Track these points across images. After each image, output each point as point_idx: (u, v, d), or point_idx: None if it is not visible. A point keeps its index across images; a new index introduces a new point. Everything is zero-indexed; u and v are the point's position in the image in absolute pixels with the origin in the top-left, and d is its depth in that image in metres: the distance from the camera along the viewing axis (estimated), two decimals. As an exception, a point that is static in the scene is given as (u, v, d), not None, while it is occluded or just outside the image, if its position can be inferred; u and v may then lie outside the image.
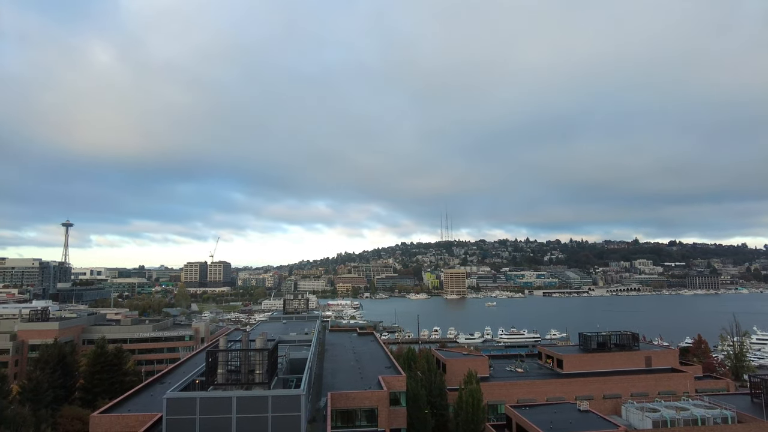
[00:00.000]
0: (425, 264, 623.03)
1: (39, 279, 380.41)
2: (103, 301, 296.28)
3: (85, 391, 75.91)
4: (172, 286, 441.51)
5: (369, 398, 45.25)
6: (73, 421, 61.03)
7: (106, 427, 41.55)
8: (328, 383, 50.94)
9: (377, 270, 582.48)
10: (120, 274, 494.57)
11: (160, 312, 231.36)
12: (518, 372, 72.49)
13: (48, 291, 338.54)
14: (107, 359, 79.14)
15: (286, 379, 44.54)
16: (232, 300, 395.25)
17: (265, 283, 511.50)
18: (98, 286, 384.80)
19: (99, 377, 76.59)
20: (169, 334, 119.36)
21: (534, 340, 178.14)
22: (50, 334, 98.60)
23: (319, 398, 46.42)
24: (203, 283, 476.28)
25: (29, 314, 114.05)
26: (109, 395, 67.62)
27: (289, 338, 63.13)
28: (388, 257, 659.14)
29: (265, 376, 37.70)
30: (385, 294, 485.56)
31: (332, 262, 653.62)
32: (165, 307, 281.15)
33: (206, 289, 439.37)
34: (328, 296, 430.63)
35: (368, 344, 76.81)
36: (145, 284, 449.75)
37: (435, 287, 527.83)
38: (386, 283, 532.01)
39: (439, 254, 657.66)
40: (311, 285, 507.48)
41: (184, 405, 34.86)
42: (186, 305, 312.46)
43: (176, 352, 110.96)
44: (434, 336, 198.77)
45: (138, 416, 41.42)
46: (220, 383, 37.76)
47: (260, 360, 37.78)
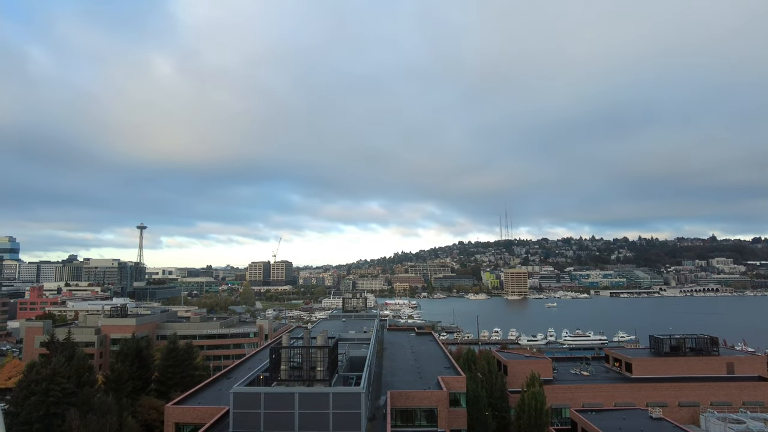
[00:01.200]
0: (484, 263, 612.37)
1: (118, 278, 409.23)
2: (174, 299, 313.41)
3: (159, 383, 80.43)
4: (238, 285, 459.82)
5: (428, 398, 44.95)
6: (150, 411, 64.83)
7: (179, 417, 43.84)
8: (387, 382, 51.09)
9: (434, 269, 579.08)
10: (189, 274, 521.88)
11: (227, 310, 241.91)
12: (584, 375, 69.56)
13: (126, 289, 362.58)
14: (179, 354, 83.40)
15: (346, 377, 45.11)
16: (293, 298, 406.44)
17: (324, 282, 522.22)
18: (170, 285, 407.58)
19: (172, 371, 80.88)
20: (235, 331, 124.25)
21: (600, 343, 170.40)
22: (128, 329, 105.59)
23: (379, 396, 46.64)
24: (266, 281, 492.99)
25: (110, 311, 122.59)
26: (181, 388, 71.24)
27: (349, 336, 63.90)
28: (445, 257, 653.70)
29: (325, 373, 38.34)
30: (442, 294, 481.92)
31: (389, 262, 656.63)
32: (231, 305, 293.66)
33: (269, 288, 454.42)
34: (386, 295, 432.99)
35: (427, 344, 76.41)
36: (212, 283, 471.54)
37: (495, 287, 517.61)
38: (444, 282, 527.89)
39: (498, 253, 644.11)
40: (369, 284, 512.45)
41: (250, 399, 36.12)
42: (251, 303, 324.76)
43: (242, 348, 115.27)
44: (494, 337, 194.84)
45: (207, 408, 43.36)
46: (283, 379, 38.79)
47: (321, 357, 38.45)
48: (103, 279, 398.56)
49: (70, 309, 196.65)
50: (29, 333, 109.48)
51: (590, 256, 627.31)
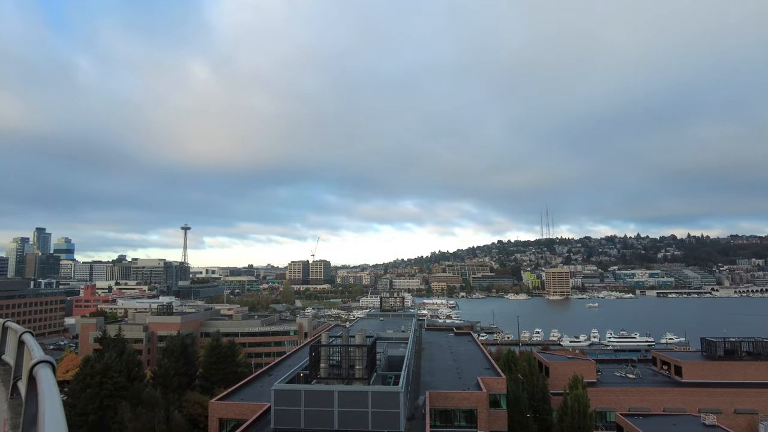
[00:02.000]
0: (524, 263, 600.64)
1: (164, 277, 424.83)
2: (217, 297, 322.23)
3: (203, 379, 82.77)
4: (278, 284, 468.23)
5: (468, 399, 44.23)
6: (195, 405, 66.72)
7: (223, 412, 44.80)
8: (425, 382, 50.64)
9: (473, 269, 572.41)
10: (231, 273, 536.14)
11: (268, 308, 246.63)
12: (629, 378, 66.92)
13: (171, 288, 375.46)
14: (222, 351, 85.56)
15: (384, 376, 44.96)
16: (332, 297, 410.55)
17: (362, 281, 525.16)
18: (213, 284, 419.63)
19: (215, 367, 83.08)
20: (276, 328, 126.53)
21: (647, 345, 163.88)
22: (174, 326, 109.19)
23: (417, 396, 46.26)
24: (305, 280, 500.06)
25: (157, 309, 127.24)
26: (224, 384, 73.02)
27: (387, 335, 63.78)
28: (484, 256, 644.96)
29: (364, 371, 38.29)
30: (481, 294, 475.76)
31: (426, 261, 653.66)
32: (272, 303, 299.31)
33: (308, 287, 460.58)
34: (423, 295, 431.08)
35: (465, 344, 75.40)
36: (253, 282, 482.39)
37: (536, 287, 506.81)
38: (483, 282, 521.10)
39: (539, 252, 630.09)
40: (406, 283, 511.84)
41: (290, 397, 36.49)
42: (290, 302, 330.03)
43: (282, 346, 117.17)
44: (535, 338, 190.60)
45: (249, 405, 44.11)
46: (323, 377, 39.01)
47: (360, 356, 38.41)
48: (150, 278, 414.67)
49: (120, 307, 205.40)
50: (84, 329, 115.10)
51: (635, 255, 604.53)
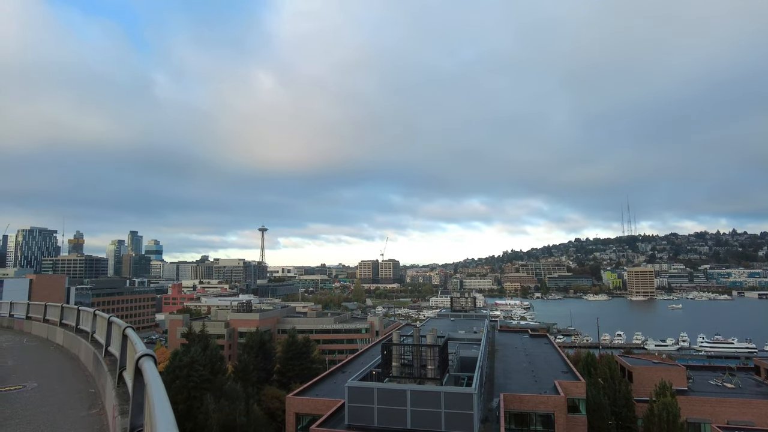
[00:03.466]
0: (604, 262, 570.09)
1: (243, 276, 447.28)
2: (292, 295, 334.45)
3: (280, 374, 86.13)
4: (349, 282, 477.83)
5: (545, 402, 42.69)
6: (273, 400, 69.61)
7: (299, 407, 46.32)
8: (499, 384, 49.50)
9: (548, 268, 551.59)
10: (305, 272, 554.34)
11: (340, 306, 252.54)
12: (727, 387, 61.43)
13: (250, 286, 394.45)
14: (297, 347, 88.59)
15: (457, 377, 44.44)
16: (401, 296, 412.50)
17: (431, 281, 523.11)
18: (288, 283, 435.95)
19: (291, 363, 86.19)
20: (348, 326, 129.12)
21: (747, 351, 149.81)
22: (253, 323, 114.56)
23: (491, 398, 45.31)
24: (375, 279, 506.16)
25: (237, 306, 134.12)
26: (300, 379, 75.53)
27: (458, 336, 63.00)
28: (560, 255, 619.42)
29: (436, 371, 38.08)
30: (558, 294, 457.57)
31: (498, 260, 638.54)
32: (343, 301, 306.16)
33: (378, 286, 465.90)
34: (495, 295, 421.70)
35: (541, 346, 72.84)
36: (326, 281, 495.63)
37: (617, 287, 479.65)
38: (559, 282, 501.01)
39: (620, 251, 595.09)
40: (477, 283, 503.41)
41: (363, 394, 37.01)
42: (361, 300, 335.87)
43: (354, 344, 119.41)
44: (617, 341, 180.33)
45: (324, 401, 45.27)
46: (395, 376, 39.24)
47: (432, 356, 38.24)
48: (230, 277, 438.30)
49: (204, 304, 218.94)
50: (172, 325, 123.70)
51: (731, 253, 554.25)
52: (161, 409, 2.56)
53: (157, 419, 2.38)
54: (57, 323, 20.56)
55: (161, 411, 2.51)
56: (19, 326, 25.87)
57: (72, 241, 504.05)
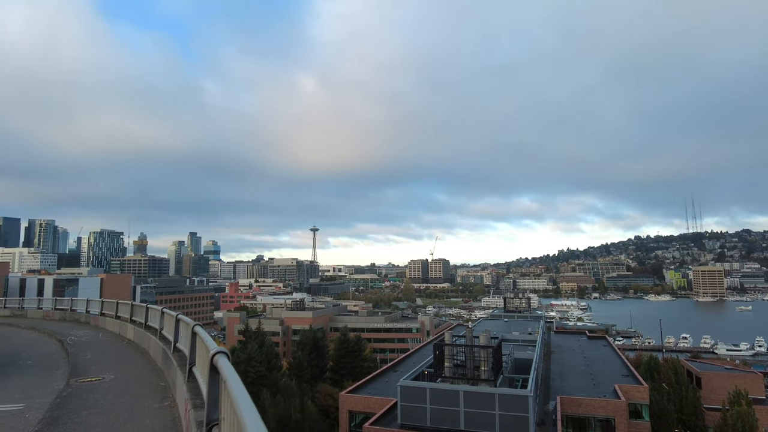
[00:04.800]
0: (667, 260, 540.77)
1: (296, 275, 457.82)
2: (343, 294, 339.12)
3: (333, 371, 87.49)
4: (399, 282, 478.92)
5: (604, 407, 41.09)
6: (326, 397, 70.76)
7: (352, 405, 46.92)
8: (556, 387, 48.10)
9: (606, 268, 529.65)
10: (356, 271, 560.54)
11: (390, 305, 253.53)
12: (810, 397, 56.76)
13: (303, 285, 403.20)
14: (349, 346, 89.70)
15: (511, 378, 43.61)
16: (452, 296, 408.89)
17: (483, 281, 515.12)
18: (339, 282, 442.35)
19: (343, 361, 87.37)
20: (399, 326, 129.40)
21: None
22: (306, 321, 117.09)
23: (547, 401, 44.14)
24: (425, 279, 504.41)
25: (291, 304, 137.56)
26: (352, 377, 76.45)
27: (512, 337, 61.79)
28: (618, 253, 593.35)
29: (490, 373, 37.56)
30: (617, 294, 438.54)
31: (552, 260, 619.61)
32: (393, 300, 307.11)
33: (428, 285, 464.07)
34: (551, 296, 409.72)
35: (600, 349, 70.15)
36: (376, 280, 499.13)
37: (681, 287, 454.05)
38: (618, 282, 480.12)
39: (684, 249, 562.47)
40: (531, 283, 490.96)
41: (416, 393, 37.02)
42: (411, 300, 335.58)
43: (405, 343, 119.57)
44: (682, 344, 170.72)
45: (377, 399, 45.61)
46: (447, 376, 39.02)
47: (485, 357, 37.74)
48: (284, 276, 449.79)
49: (259, 302, 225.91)
50: (230, 322, 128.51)
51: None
52: (245, 404, 2.70)
53: (243, 414, 2.52)
54: (128, 320, 21.90)
55: (245, 406, 2.65)
56: (95, 322, 27.77)
57: (137, 243, 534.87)
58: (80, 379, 12.36)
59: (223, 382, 3.97)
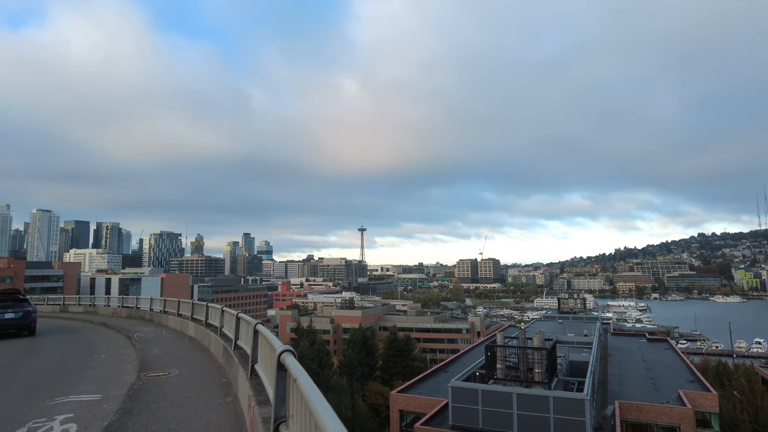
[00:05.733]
0: (736, 259, 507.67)
1: (345, 274, 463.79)
2: (392, 293, 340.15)
3: (383, 370, 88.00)
4: (447, 282, 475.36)
5: (668, 414, 39.12)
6: (376, 395, 71.27)
7: (402, 404, 47.04)
8: (614, 391, 46.27)
9: (667, 267, 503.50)
10: (403, 270, 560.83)
11: (439, 305, 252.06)
12: None
13: (352, 284, 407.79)
14: (399, 345, 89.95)
15: (566, 381, 42.37)
16: (503, 296, 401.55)
17: (535, 281, 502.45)
18: (387, 281, 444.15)
19: (393, 360, 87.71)
20: (448, 326, 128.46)
21: None
22: (356, 320, 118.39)
23: (605, 406, 42.53)
24: (474, 279, 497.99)
25: (341, 303, 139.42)
26: (402, 377, 76.60)
27: (567, 339, 59.99)
28: (680, 252, 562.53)
29: (544, 375, 36.67)
30: (679, 295, 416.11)
31: (609, 259, 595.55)
32: (442, 300, 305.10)
33: (478, 285, 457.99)
34: (607, 296, 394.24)
35: (661, 352, 66.82)
36: (424, 279, 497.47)
37: (753, 288, 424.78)
38: (680, 282, 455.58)
39: (756, 246, 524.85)
40: (586, 283, 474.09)
41: (467, 395, 36.66)
42: (461, 300, 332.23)
43: (455, 343, 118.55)
44: (756, 349, 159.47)
45: (427, 399, 45.50)
46: (500, 378, 38.38)
47: (539, 359, 36.89)
48: (333, 275, 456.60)
49: (310, 301, 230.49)
50: (282, 320, 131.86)
51: None
52: (320, 403, 2.78)
53: (320, 413, 2.59)
54: (189, 318, 22.93)
55: (321, 405, 2.73)
56: (158, 319, 29.26)
57: (194, 243, 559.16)
58: (149, 373, 13.07)
59: (292, 380, 4.08)
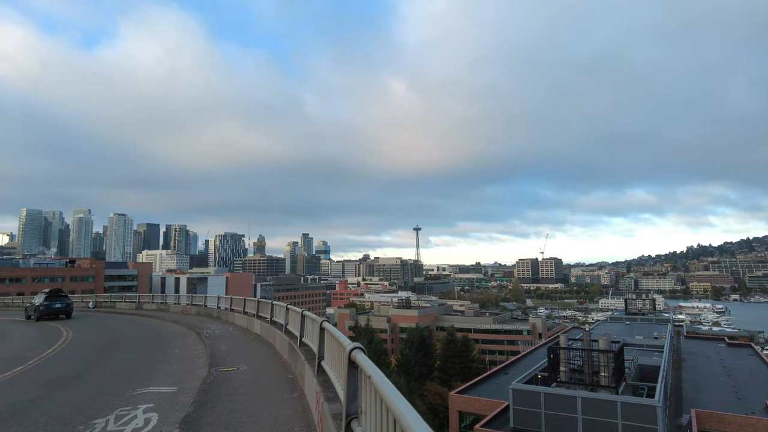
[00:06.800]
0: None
1: (401, 274, 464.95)
2: (448, 293, 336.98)
3: (441, 371, 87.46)
4: (506, 282, 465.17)
5: (753, 426, 36.26)
6: (434, 396, 71.00)
7: (462, 406, 46.55)
8: (689, 398, 43.50)
9: (748, 266, 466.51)
10: (460, 270, 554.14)
11: (497, 306, 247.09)
12: None
13: (408, 284, 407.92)
14: (457, 346, 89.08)
15: (635, 386, 40.41)
16: (565, 297, 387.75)
17: (599, 281, 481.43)
18: (443, 281, 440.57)
19: (451, 361, 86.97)
20: (508, 327, 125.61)
21: None
22: (412, 319, 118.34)
23: (680, 414, 40.09)
24: (535, 279, 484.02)
25: (397, 302, 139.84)
26: (460, 378, 75.81)
27: (635, 342, 57.15)
28: (764, 249, 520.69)
29: (611, 379, 35.13)
30: (764, 297, 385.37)
31: (680, 257, 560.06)
32: (501, 301, 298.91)
33: (539, 286, 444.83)
34: (679, 297, 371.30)
35: (744, 358, 62.09)
36: (481, 279, 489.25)
37: None
38: (764, 282, 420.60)
39: None
40: (655, 283, 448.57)
41: (529, 397, 35.74)
42: (521, 300, 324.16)
43: (515, 345, 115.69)
44: None
45: (487, 401, 44.77)
46: (563, 381, 37.16)
47: (605, 362, 35.39)
48: (389, 275, 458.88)
49: (367, 300, 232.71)
50: (340, 318, 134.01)
51: None
52: (398, 399, 2.80)
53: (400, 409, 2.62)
54: (254, 315, 23.84)
55: (400, 401, 2.75)
56: (225, 317, 30.61)
57: (256, 244, 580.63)
58: (219, 368, 13.71)
59: (366, 377, 4.14)
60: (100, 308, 49.68)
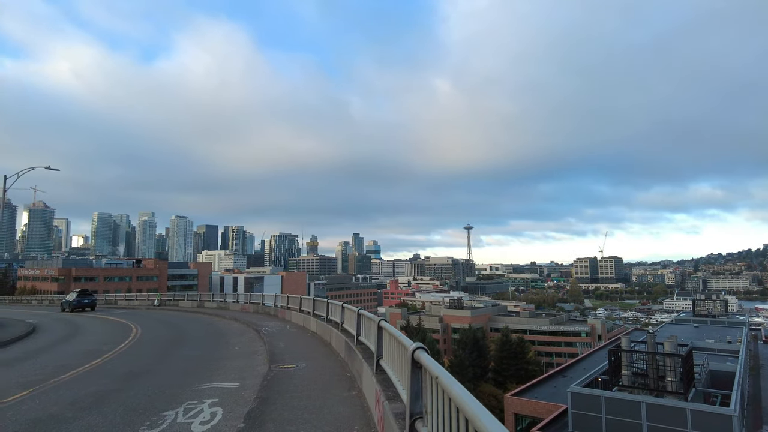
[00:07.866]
0: None
1: (452, 273, 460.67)
2: (502, 293, 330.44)
3: (495, 372, 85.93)
4: (563, 282, 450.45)
5: (842, 439, 33.31)
6: (489, 397, 69.80)
7: (518, 408, 45.59)
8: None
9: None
10: (514, 270, 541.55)
11: (554, 306, 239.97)
12: None
13: (459, 283, 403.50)
14: (512, 347, 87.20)
15: (706, 393, 38.05)
16: (626, 297, 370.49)
17: (663, 280, 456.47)
18: (497, 281, 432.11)
19: (506, 362, 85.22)
20: (565, 328, 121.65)
21: None
22: (465, 320, 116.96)
23: (759, 426, 37.38)
24: (594, 278, 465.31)
25: (449, 302, 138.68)
26: (515, 380, 74.18)
27: (705, 345, 53.83)
28: None
29: (679, 384, 33.29)
30: None
31: (756, 255, 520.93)
32: (558, 302, 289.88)
33: (598, 285, 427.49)
34: (755, 298, 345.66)
35: (830, 365, 57.10)
36: (537, 279, 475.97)
37: None
38: None
39: None
40: (727, 283, 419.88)
41: (589, 401, 34.48)
42: (579, 301, 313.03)
43: (573, 347, 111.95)
44: None
45: (544, 404, 43.61)
46: (625, 385, 35.62)
47: (672, 366, 33.58)
48: (440, 274, 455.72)
49: (418, 299, 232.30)
50: (392, 318, 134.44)
51: None
52: (470, 400, 2.78)
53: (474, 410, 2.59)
54: (310, 313, 24.34)
55: (472, 402, 2.72)
56: (282, 315, 31.46)
57: (309, 244, 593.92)
58: (279, 365, 14.10)
59: (432, 377, 4.13)
60: (165, 306, 52.36)
